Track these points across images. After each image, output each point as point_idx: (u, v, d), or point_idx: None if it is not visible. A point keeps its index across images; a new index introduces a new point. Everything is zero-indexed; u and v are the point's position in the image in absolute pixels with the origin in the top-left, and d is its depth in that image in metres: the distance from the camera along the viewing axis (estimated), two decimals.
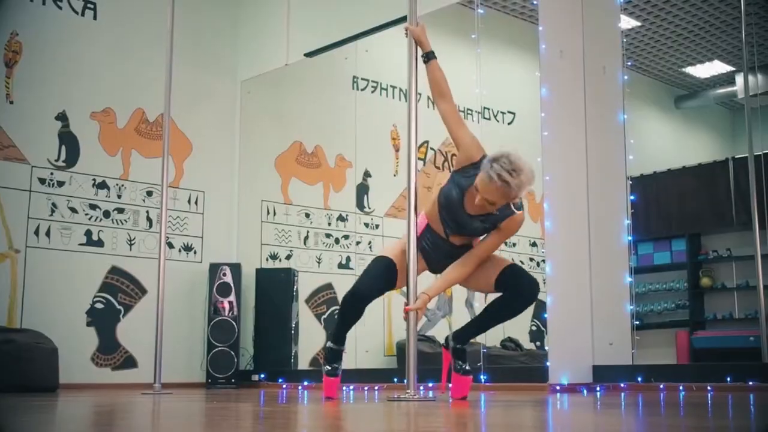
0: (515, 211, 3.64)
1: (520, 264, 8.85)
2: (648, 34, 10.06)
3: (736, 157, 8.78)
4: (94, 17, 7.21)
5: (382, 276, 3.84)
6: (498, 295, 3.80)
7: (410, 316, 3.76)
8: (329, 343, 3.97)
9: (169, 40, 5.99)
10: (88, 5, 7.18)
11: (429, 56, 3.92)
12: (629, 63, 7.01)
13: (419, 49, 3.97)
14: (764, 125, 6.83)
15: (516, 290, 3.70)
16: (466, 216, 3.68)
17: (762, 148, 6.40)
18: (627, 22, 9.39)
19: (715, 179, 8.86)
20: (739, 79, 10.80)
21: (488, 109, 8.81)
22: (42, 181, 6.73)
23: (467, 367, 3.84)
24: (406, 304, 3.77)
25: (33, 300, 6.52)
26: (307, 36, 7.52)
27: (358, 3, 7.16)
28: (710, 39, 10.23)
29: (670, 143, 11.61)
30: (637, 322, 5.67)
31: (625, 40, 6.16)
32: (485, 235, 3.76)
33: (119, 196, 7.14)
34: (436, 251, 3.84)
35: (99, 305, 6.91)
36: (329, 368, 3.92)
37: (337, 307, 7.90)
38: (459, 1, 6.58)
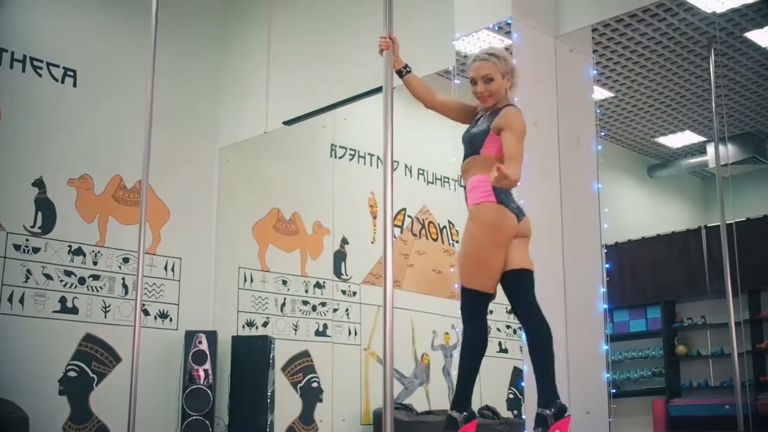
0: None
1: (497, 331, 8.93)
2: (621, 104, 10.26)
3: (709, 225, 8.88)
4: (74, 84, 7.26)
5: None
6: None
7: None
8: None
9: (149, 108, 6.03)
10: (68, 73, 7.24)
11: (401, 72, 4.10)
12: (603, 133, 7.14)
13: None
14: (735, 194, 6.94)
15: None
16: (471, 128, 4.03)
17: (734, 217, 6.49)
18: (600, 93, 9.58)
19: (689, 247, 8.95)
20: (710, 149, 10.99)
21: None
22: (17, 247, 6.68)
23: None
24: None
25: (4, 368, 6.40)
26: (285, 104, 7.61)
27: (337, 72, 7.27)
28: (681, 110, 10.45)
29: (644, 212, 11.74)
30: (614, 390, 5.66)
31: (598, 110, 6.28)
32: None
33: (95, 263, 7.10)
34: None
35: (72, 373, 6.80)
36: None
37: (314, 375, 7.83)
38: (436, 72, 6.69)
